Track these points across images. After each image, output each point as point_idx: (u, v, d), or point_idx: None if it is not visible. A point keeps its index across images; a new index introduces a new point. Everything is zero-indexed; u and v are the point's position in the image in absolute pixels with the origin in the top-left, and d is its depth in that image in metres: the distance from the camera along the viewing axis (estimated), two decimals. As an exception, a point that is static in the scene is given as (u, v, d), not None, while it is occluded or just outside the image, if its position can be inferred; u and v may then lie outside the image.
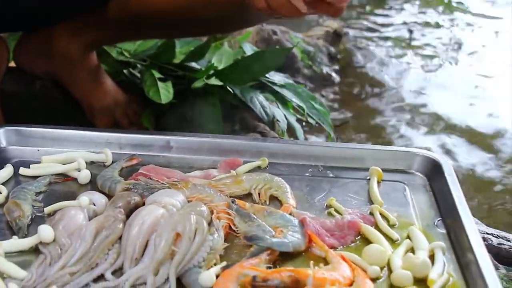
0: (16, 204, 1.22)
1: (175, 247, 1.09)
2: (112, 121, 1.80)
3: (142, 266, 1.07)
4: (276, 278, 1.06)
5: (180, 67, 1.91)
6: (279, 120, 1.82)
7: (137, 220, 1.14)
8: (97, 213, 1.22)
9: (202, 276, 1.05)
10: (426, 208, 1.35)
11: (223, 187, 1.33)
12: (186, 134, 1.52)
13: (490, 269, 1.10)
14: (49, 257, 1.09)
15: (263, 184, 1.35)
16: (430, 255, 1.17)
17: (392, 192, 1.39)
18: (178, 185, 1.30)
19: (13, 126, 1.47)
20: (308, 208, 1.31)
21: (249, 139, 1.54)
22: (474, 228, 1.21)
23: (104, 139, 1.48)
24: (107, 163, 1.42)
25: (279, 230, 1.19)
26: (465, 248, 1.18)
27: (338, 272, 1.09)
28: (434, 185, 1.41)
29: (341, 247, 1.20)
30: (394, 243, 1.22)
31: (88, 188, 1.33)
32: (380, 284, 1.11)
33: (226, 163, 1.43)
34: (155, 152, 1.48)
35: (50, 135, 1.46)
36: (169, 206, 1.19)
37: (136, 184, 1.30)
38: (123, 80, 1.93)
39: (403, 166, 1.47)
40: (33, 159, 1.41)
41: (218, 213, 1.22)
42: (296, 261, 1.15)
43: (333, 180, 1.42)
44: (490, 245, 1.51)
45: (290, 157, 1.48)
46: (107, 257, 1.10)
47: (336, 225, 1.24)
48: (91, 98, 1.78)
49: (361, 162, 1.47)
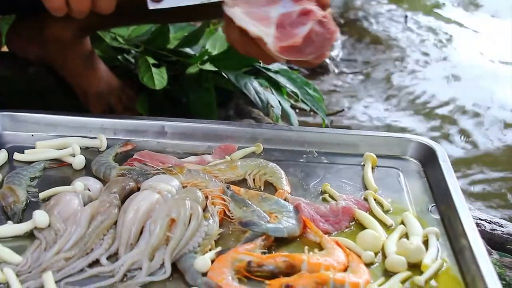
0: (11, 190, 1.22)
1: (170, 233, 1.10)
2: (106, 107, 1.79)
3: (137, 252, 1.08)
4: (271, 263, 1.06)
5: (174, 53, 1.90)
6: (273, 106, 1.82)
7: (132, 206, 1.14)
8: (92, 198, 1.22)
9: (197, 261, 1.05)
10: (420, 194, 1.35)
11: (217, 173, 1.33)
12: (181, 119, 1.52)
13: (484, 255, 1.11)
14: (44, 242, 1.09)
15: (257, 170, 1.35)
16: (424, 241, 1.18)
17: (386, 178, 1.39)
18: (173, 170, 1.30)
19: (7, 112, 1.46)
20: (303, 194, 1.32)
21: (243, 125, 1.54)
22: (468, 214, 1.22)
23: (99, 124, 1.47)
24: (101, 149, 1.42)
25: (274, 216, 1.19)
26: (459, 233, 1.19)
27: (332, 258, 1.10)
28: (428, 171, 1.42)
29: (336, 233, 1.21)
30: (388, 228, 1.23)
31: (83, 173, 1.33)
32: (374, 269, 1.12)
33: (220, 149, 1.43)
34: (149, 138, 1.48)
35: (45, 121, 1.46)
36: (164, 191, 1.20)
37: (131, 170, 1.30)
38: (117, 66, 1.93)
39: (397, 152, 1.48)
40: (28, 145, 1.41)
41: (213, 199, 1.23)
42: (291, 246, 1.16)
43: (327, 166, 1.43)
44: (483, 231, 1.52)
45: (285, 143, 1.48)
46: (102, 243, 1.10)
47: (331, 210, 1.25)
48: (85, 83, 1.78)
49: (356, 148, 1.47)
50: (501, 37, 3.34)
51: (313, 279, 1.03)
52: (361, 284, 1.05)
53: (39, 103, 1.62)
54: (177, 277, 1.06)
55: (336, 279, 1.03)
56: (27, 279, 1.02)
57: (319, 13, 1.24)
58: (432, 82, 2.85)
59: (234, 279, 1.04)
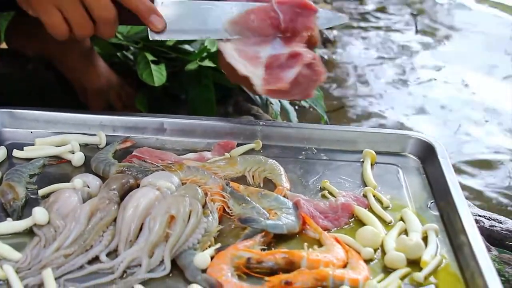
0: (10, 187, 1.22)
1: (170, 230, 1.10)
2: (106, 104, 1.79)
3: (136, 248, 1.08)
4: (270, 260, 1.06)
5: (173, 50, 1.90)
6: (272, 103, 1.82)
7: (131, 202, 1.14)
8: (91, 195, 1.22)
9: (196, 258, 1.05)
10: (419, 191, 1.35)
11: (217, 170, 1.33)
12: (180, 116, 1.52)
13: (483, 251, 1.11)
14: (44, 239, 1.09)
15: (257, 167, 1.35)
16: (423, 237, 1.18)
17: (385, 175, 1.39)
18: (172, 167, 1.30)
19: (6, 108, 1.46)
20: (302, 190, 1.32)
21: (242, 121, 1.53)
22: (467, 210, 1.22)
23: (98, 121, 1.47)
24: (101, 146, 1.42)
25: (273, 213, 1.19)
26: (458, 230, 1.19)
27: (332, 254, 1.10)
28: (427, 167, 1.42)
29: (335, 229, 1.21)
30: (388, 225, 1.23)
31: (82, 170, 1.33)
32: (373, 265, 1.12)
33: (220, 146, 1.43)
34: (149, 135, 1.47)
35: (44, 118, 1.46)
36: (163, 188, 1.20)
37: (130, 167, 1.30)
38: (116, 63, 1.92)
39: (397, 148, 1.48)
40: (27, 141, 1.40)
41: (212, 196, 1.23)
42: (290, 243, 1.16)
43: (327, 163, 1.43)
44: (483, 227, 1.52)
45: (284, 140, 1.48)
46: (101, 239, 1.11)
47: (330, 207, 1.25)
48: (84, 80, 1.78)
49: (355, 144, 1.47)
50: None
51: (312, 275, 1.03)
52: (360, 281, 1.05)
53: (38, 100, 1.62)
54: (177, 273, 1.06)
55: (336, 276, 1.04)
56: (26, 276, 1.02)
57: (307, 56, 1.27)
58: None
59: (234, 276, 1.04)
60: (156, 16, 1.27)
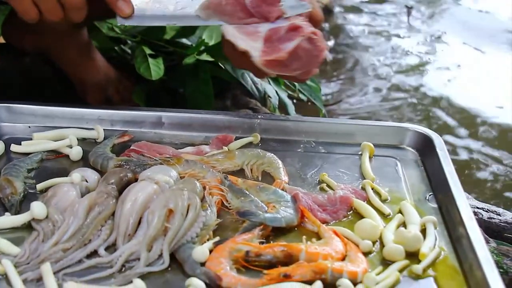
0: (8, 181, 1.22)
1: (168, 223, 1.10)
2: (103, 98, 1.79)
3: (135, 242, 1.08)
4: (269, 253, 1.06)
5: (171, 43, 1.89)
6: (271, 96, 1.82)
7: (130, 196, 1.14)
8: (89, 189, 1.22)
9: (195, 252, 1.05)
10: (417, 183, 1.35)
11: (215, 163, 1.33)
12: (178, 110, 1.52)
13: (481, 243, 1.11)
14: (42, 233, 1.09)
15: (255, 160, 1.35)
16: (421, 229, 1.18)
17: (383, 167, 1.40)
18: (170, 161, 1.30)
19: (3, 103, 1.45)
20: (301, 183, 1.32)
21: (241, 115, 1.53)
22: (465, 202, 1.22)
23: (96, 115, 1.47)
24: (99, 140, 1.41)
25: (272, 206, 1.19)
26: (456, 222, 1.19)
27: (330, 247, 1.10)
28: (426, 160, 1.42)
29: (334, 222, 1.21)
30: (386, 217, 1.23)
31: (80, 164, 1.33)
32: (372, 258, 1.12)
33: (218, 139, 1.43)
34: (147, 129, 1.47)
35: (42, 112, 1.46)
36: (161, 182, 1.19)
37: (128, 161, 1.30)
38: (113, 57, 1.92)
39: (395, 141, 1.48)
40: (25, 136, 1.40)
41: (211, 189, 1.23)
42: (289, 236, 1.16)
43: (325, 156, 1.43)
44: (481, 219, 1.52)
45: (282, 133, 1.48)
46: (100, 233, 1.11)
47: (329, 200, 1.25)
48: (82, 74, 1.77)
49: (353, 137, 1.47)
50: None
51: (311, 268, 1.03)
52: (359, 273, 1.05)
53: (36, 95, 1.61)
54: (176, 267, 1.06)
55: (334, 268, 1.04)
56: (25, 270, 1.03)
57: (308, 29, 1.25)
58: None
59: (232, 269, 1.04)
60: (123, 1, 1.27)
